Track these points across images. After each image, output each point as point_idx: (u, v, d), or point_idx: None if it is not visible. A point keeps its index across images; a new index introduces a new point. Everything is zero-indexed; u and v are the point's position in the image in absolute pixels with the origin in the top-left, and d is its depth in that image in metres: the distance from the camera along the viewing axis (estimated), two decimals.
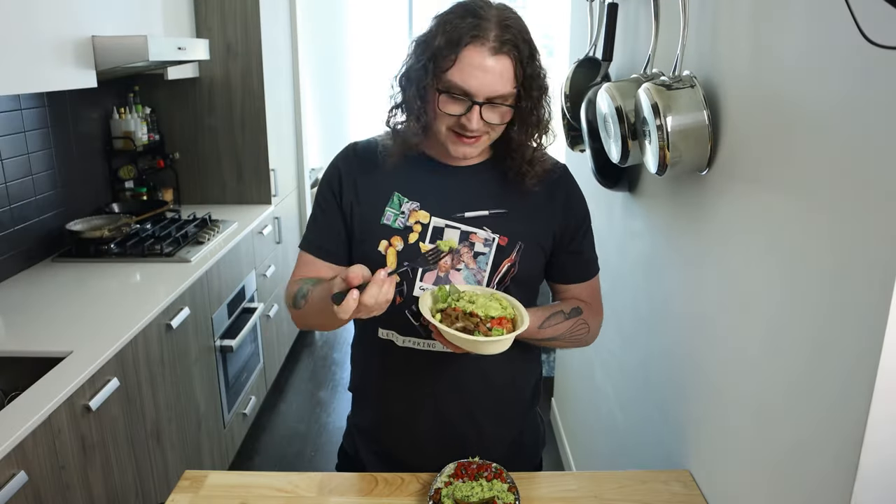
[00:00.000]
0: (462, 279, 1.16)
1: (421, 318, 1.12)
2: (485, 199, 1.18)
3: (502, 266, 1.17)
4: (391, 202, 1.17)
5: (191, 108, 3.25)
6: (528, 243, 1.18)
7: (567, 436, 2.74)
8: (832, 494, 0.83)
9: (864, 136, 0.78)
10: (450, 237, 1.16)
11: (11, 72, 1.76)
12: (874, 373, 0.74)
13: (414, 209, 1.17)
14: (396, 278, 1.06)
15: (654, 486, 1.24)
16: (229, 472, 1.31)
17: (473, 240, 1.16)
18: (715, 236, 1.20)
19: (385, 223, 1.16)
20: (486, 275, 1.16)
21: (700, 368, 1.27)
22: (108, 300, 2.06)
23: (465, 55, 1.03)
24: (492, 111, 1.07)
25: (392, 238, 1.16)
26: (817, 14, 0.87)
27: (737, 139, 1.10)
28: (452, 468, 1.17)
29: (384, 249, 1.16)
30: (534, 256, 1.19)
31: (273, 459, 2.91)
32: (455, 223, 1.16)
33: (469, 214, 1.17)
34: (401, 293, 1.16)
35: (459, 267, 1.16)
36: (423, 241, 1.16)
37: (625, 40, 1.70)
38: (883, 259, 0.73)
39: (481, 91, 1.04)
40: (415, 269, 1.14)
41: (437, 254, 1.12)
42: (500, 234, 1.16)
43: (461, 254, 1.16)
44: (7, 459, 1.30)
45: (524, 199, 1.18)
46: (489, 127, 1.09)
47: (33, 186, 2.36)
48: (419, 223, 1.16)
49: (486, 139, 1.12)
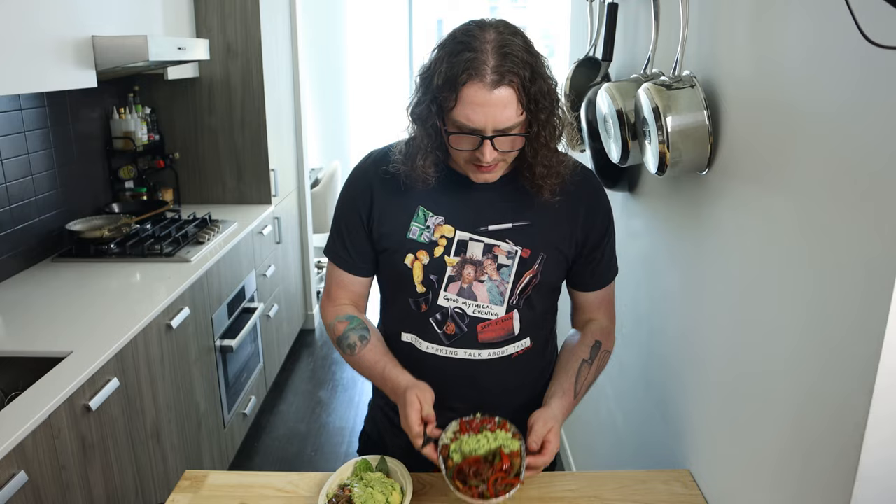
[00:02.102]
0: (486, 290, 1.18)
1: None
2: (508, 212, 1.18)
3: (524, 277, 1.18)
4: (416, 217, 1.18)
5: (191, 108, 3.25)
6: (551, 253, 1.19)
7: (567, 436, 2.74)
8: (832, 494, 0.83)
9: (864, 136, 0.78)
10: (473, 250, 1.17)
11: (11, 72, 1.76)
12: (874, 372, 0.74)
13: (439, 223, 1.18)
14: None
15: (654, 486, 1.24)
16: (229, 472, 1.31)
17: (497, 252, 1.17)
18: (715, 236, 1.20)
19: (411, 237, 1.18)
20: (510, 286, 1.18)
21: (700, 368, 1.27)
22: (108, 300, 2.06)
23: (464, 94, 1.02)
24: (503, 141, 1.07)
25: (418, 252, 1.18)
26: (817, 14, 0.87)
27: (737, 139, 1.10)
28: (456, 425, 1.16)
29: (410, 263, 1.18)
30: (556, 265, 1.21)
31: (273, 459, 2.91)
32: (479, 237, 1.17)
33: (493, 228, 1.18)
34: (426, 302, 1.19)
35: (483, 279, 1.18)
36: (448, 254, 1.18)
37: (625, 40, 1.70)
38: (883, 258, 0.73)
39: (487, 126, 1.03)
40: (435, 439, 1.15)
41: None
42: (523, 246, 1.18)
43: (484, 266, 1.17)
44: (7, 459, 1.30)
45: (547, 209, 1.18)
46: (504, 155, 1.09)
47: (33, 186, 2.36)
48: (444, 237, 1.18)
49: (503, 165, 1.12)
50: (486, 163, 1.08)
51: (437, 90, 1.05)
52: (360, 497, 1.09)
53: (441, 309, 1.19)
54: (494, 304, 1.19)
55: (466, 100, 1.02)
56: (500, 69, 1.00)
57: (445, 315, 1.19)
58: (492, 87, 1.01)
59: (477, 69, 1.00)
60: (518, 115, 1.04)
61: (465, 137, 1.06)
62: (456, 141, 1.07)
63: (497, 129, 1.04)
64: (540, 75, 1.05)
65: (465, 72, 1.00)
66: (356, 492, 1.10)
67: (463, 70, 1.01)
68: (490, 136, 1.05)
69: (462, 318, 1.19)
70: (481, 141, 1.05)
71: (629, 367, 1.75)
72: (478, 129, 1.04)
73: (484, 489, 1.04)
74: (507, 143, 1.07)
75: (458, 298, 1.18)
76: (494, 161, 1.08)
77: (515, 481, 1.05)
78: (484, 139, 1.05)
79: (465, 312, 1.19)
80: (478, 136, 1.05)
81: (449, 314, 1.19)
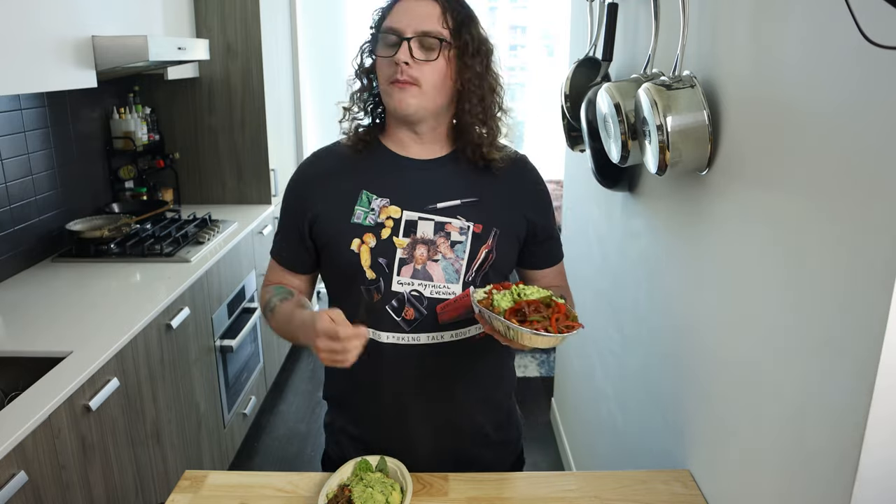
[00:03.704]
0: (441, 269, 1.16)
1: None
2: (454, 189, 1.18)
3: (480, 253, 1.17)
4: (360, 201, 1.17)
5: (191, 108, 3.25)
6: (503, 230, 1.19)
7: (567, 436, 2.74)
8: (832, 494, 0.83)
9: (865, 136, 0.78)
10: (423, 229, 1.17)
11: (11, 72, 1.76)
12: (874, 372, 0.74)
13: (384, 205, 1.17)
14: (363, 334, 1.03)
15: (654, 486, 1.24)
16: (229, 472, 1.31)
17: (449, 229, 1.17)
18: (715, 236, 1.20)
19: (356, 222, 1.17)
20: (465, 263, 1.17)
21: (700, 368, 1.27)
22: (108, 300, 2.06)
23: (396, 6, 1.12)
24: (421, 48, 1.10)
25: (364, 235, 1.16)
26: (817, 14, 0.87)
27: (737, 139, 1.10)
28: (488, 287, 1.10)
29: (357, 248, 1.16)
30: (509, 243, 1.21)
31: (273, 459, 2.91)
32: (428, 215, 1.17)
33: (441, 205, 1.17)
34: (378, 290, 1.16)
35: (437, 258, 1.16)
36: (397, 235, 1.16)
37: (625, 40, 1.70)
38: (883, 258, 0.73)
39: (409, 26, 1.09)
40: (371, 315, 1.14)
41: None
42: (475, 221, 1.17)
43: (437, 244, 1.16)
44: (7, 459, 1.30)
45: (493, 187, 1.20)
46: (420, 71, 1.10)
47: (33, 186, 2.36)
48: (391, 218, 1.16)
49: (418, 90, 1.11)
50: (401, 66, 1.09)
51: (377, 16, 1.15)
52: (359, 497, 1.09)
53: (396, 295, 1.16)
54: (451, 282, 1.17)
55: (396, 9, 1.12)
56: None
57: (402, 301, 1.16)
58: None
59: None
60: (440, 26, 1.11)
61: (387, 45, 1.11)
62: (379, 49, 1.13)
63: (416, 30, 1.09)
64: (469, 16, 1.14)
65: None
66: (356, 492, 1.10)
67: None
68: (409, 36, 1.09)
69: (420, 301, 1.16)
70: (399, 42, 1.09)
71: (629, 366, 1.75)
72: (399, 29, 1.10)
73: (548, 325, 1.00)
74: (424, 51, 1.10)
75: (412, 281, 1.16)
76: (408, 76, 1.09)
77: (576, 325, 1.00)
78: (402, 40, 1.09)
79: (423, 294, 1.16)
80: (398, 38, 1.09)
81: (406, 299, 1.16)
